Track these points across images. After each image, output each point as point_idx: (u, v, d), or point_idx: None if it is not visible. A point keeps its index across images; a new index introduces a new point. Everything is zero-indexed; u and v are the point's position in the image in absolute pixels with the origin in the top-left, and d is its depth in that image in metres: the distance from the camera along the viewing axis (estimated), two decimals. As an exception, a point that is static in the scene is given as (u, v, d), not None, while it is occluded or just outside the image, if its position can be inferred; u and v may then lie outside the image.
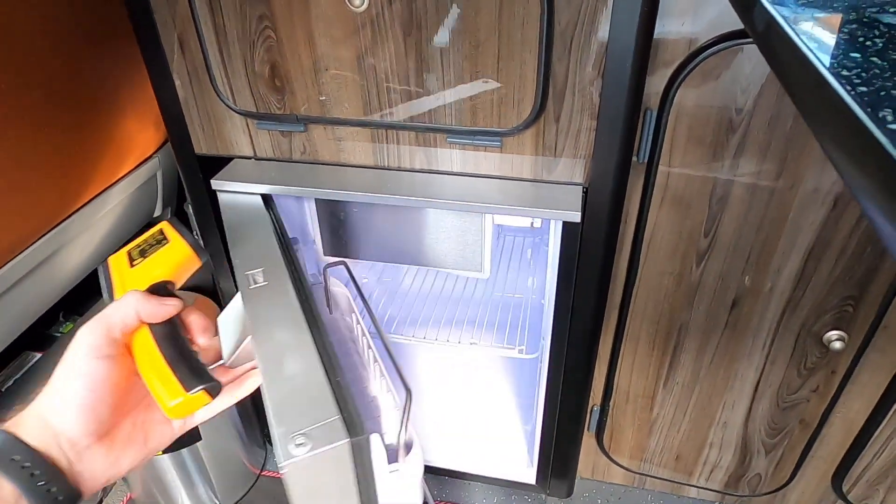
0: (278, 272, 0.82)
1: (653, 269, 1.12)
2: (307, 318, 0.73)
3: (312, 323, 0.73)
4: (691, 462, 1.41)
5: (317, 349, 0.69)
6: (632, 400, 1.34)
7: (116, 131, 1.44)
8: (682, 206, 1.03)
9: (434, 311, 1.62)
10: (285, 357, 0.67)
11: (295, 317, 0.73)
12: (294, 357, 0.67)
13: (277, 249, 0.88)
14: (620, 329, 1.22)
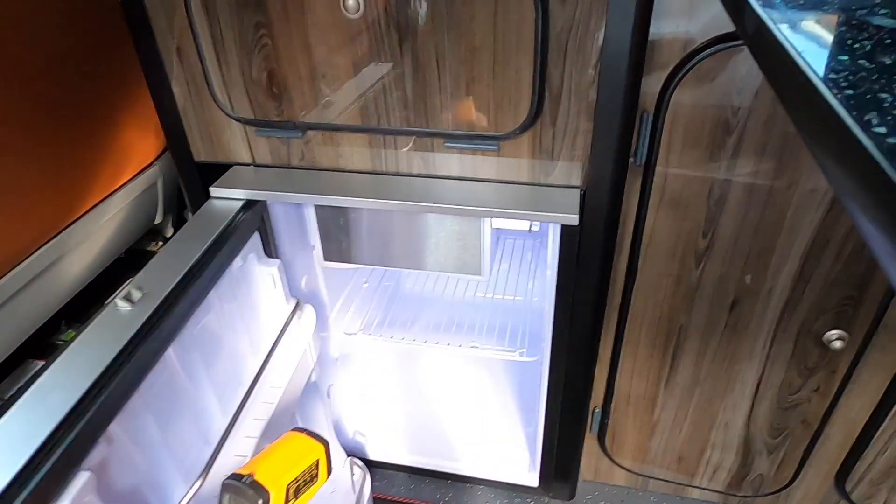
0: (162, 288, 0.83)
1: (652, 270, 1.12)
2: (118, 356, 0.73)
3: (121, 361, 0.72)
4: (693, 463, 1.40)
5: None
6: (633, 402, 1.34)
7: (116, 140, 1.45)
8: (680, 208, 1.03)
9: (434, 315, 1.63)
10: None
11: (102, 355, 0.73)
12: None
13: (195, 257, 0.89)
14: (620, 331, 1.22)
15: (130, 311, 0.80)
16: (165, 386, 0.90)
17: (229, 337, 1.08)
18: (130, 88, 1.47)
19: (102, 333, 0.77)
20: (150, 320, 0.80)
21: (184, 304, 0.84)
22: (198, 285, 0.88)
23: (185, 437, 0.95)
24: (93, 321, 0.79)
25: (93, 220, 1.42)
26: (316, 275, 1.40)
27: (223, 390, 0.89)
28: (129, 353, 0.75)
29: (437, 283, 1.77)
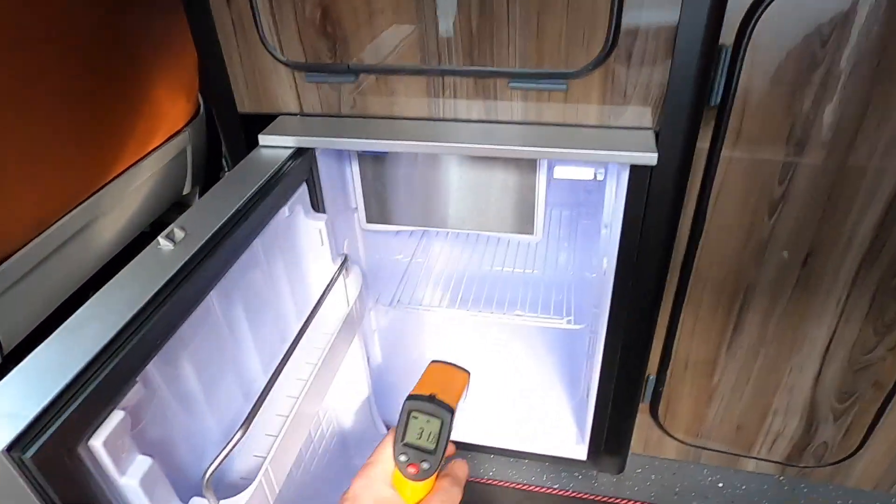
0: (205, 230, 0.78)
1: (720, 222, 1.06)
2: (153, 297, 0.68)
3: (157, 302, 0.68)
4: (753, 432, 1.35)
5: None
6: (691, 367, 1.28)
7: (149, 101, 1.39)
8: (756, 150, 0.97)
9: (472, 290, 1.57)
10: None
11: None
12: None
13: (241, 202, 0.84)
14: (682, 291, 1.17)
15: (172, 251, 0.75)
16: (206, 335, 0.85)
17: (273, 292, 1.03)
18: (162, 49, 1.41)
19: (142, 271, 0.72)
20: (191, 261, 0.74)
21: (227, 247, 0.79)
22: (243, 230, 0.82)
23: (224, 390, 0.90)
24: (133, 260, 0.74)
25: (122, 185, 1.37)
26: (356, 238, 1.34)
27: (266, 346, 0.84)
28: (169, 293, 0.69)
29: (473, 258, 1.71)
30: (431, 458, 0.52)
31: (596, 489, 1.43)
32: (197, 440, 0.82)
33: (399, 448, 0.54)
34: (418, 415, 0.54)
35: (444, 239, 1.81)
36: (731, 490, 1.42)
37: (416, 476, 0.52)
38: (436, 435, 0.53)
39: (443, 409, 0.54)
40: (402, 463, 0.53)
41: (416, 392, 0.56)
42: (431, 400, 0.54)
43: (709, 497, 1.40)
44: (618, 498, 1.41)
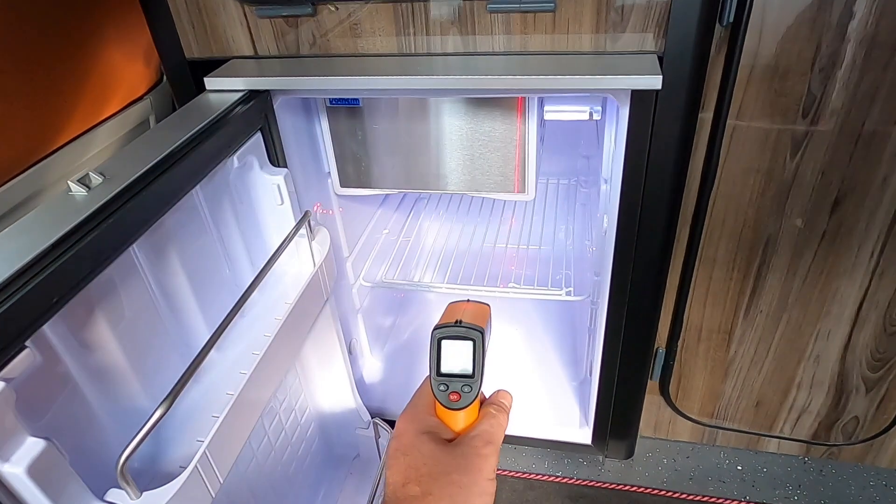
0: (127, 176, 0.66)
1: (735, 166, 0.93)
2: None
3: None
4: (774, 408, 1.22)
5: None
6: (704, 338, 1.15)
7: (99, 62, 1.27)
8: (776, 79, 0.84)
9: (463, 267, 1.44)
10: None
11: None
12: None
13: (173, 146, 0.72)
14: (693, 249, 1.04)
15: (85, 197, 0.62)
16: (131, 298, 0.72)
17: (224, 255, 0.90)
18: (114, 8, 1.29)
19: (43, 218, 0.59)
20: (105, 208, 0.62)
21: (152, 195, 0.66)
22: (173, 177, 0.70)
23: (162, 366, 0.78)
24: (37, 207, 0.61)
25: (75, 152, 1.24)
26: (331, 206, 1.22)
27: (219, 317, 0.72)
28: (72, 244, 0.57)
29: (465, 234, 1.58)
30: (471, 381, 0.51)
31: (603, 476, 1.31)
32: (125, 423, 0.70)
33: (436, 381, 0.52)
34: (448, 341, 0.52)
35: (434, 213, 1.68)
36: (752, 473, 1.29)
37: (459, 404, 0.51)
38: (470, 358, 0.51)
39: (472, 330, 0.51)
40: (442, 394, 0.52)
41: (441, 322, 0.53)
42: (459, 324, 0.52)
43: (726, 481, 1.28)
44: (627, 485, 1.28)
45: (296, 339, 0.91)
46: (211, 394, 0.77)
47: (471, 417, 0.52)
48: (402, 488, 0.47)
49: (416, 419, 0.53)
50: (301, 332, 0.92)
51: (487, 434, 0.50)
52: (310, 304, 0.93)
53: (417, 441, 0.50)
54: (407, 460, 0.49)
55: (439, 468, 0.48)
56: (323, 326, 1.04)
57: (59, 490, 0.53)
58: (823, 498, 1.23)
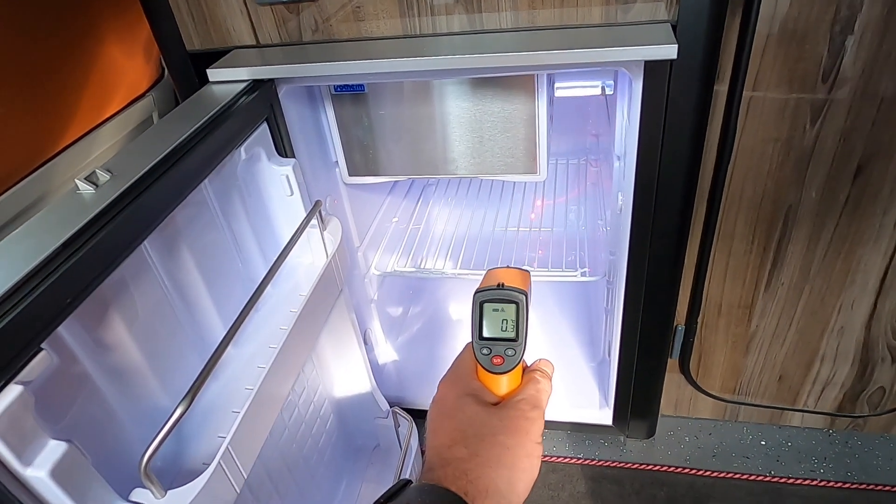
0: (134, 171, 0.64)
1: (754, 136, 0.91)
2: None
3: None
4: (797, 381, 1.20)
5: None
6: (725, 313, 1.14)
7: (99, 60, 1.26)
8: (794, 43, 0.81)
9: (475, 253, 1.42)
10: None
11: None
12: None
13: (179, 140, 0.70)
14: (711, 222, 1.02)
15: (93, 195, 0.61)
16: (144, 296, 0.71)
17: (236, 249, 0.89)
18: (111, 3, 1.27)
19: (53, 218, 0.58)
20: (115, 205, 0.61)
21: (162, 190, 0.65)
22: (181, 171, 0.68)
23: (179, 363, 0.77)
24: (46, 207, 0.60)
25: (79, 154, 1.23)
26: (341, 196, 1.20)
27: (233, 312, 0.71)
28: (83, 242, 0.56)
29: (475, 219, 1.56)
30: (515, 344, 0.50)
31: (625, 456, 1.30)
32: (145, 422, 0.69)
33: (478, 344, 0.51)
34: (490, 305, 0.51)
35: (443, 199, 1.66)
36: (776, 448, 1.27)
37: (502, 367, 0.50)
38: (513, 321, 0.50)
39: (515, 293, 0.50)
40: (485, 358, 0.51)
41: (482, 286, 0.52)
42: (500, 287, 0.51)
43: (750, 457, 1.26)
44: (650, 464, 1.27)
45: (312, 331, 0.90)
46: (230, 389, 0.76)
47: (514, 382, 0.52)
48: (447, 450, 0.46)
49: (459, 383, 0.51)
50: (317, 324, 0.91)
51: (533, 398, 0.50)
52: (324, 295, 0.92)
53: (462, 403, 0.49)
54: (452, 423, 0.48)
55: (486, 430, 0.47)
56: (338, 317, 1.03)
57: (84, 492, 0.52)
58: (850, 470, 1.21)
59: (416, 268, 1.39)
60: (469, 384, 0.51)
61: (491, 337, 0.51)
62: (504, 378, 0.51)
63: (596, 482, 1.25)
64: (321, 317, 0.92)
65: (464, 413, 0.48)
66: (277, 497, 0.97)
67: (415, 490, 0.43)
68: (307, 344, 0.88)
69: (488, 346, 0.51)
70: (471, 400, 0.49)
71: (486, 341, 0.51)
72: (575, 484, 1.25)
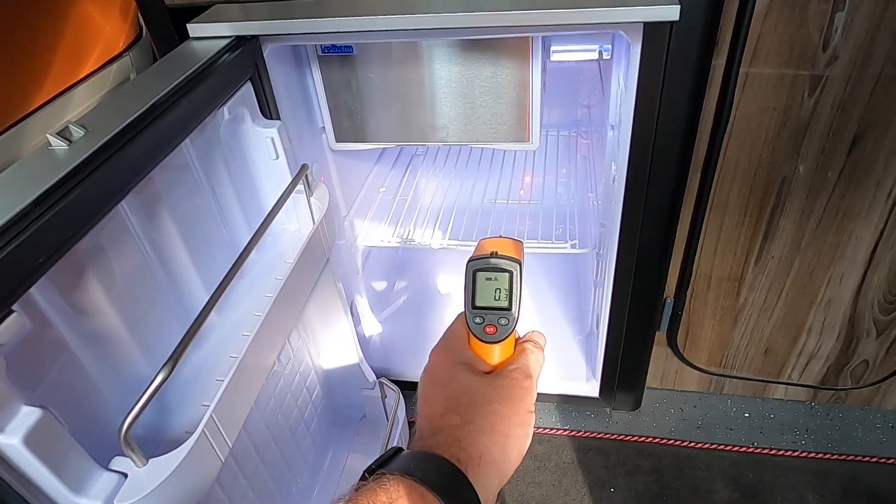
0: (110, 128, 0.61)
1: (751, 106, 0.89)
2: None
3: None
4: (783, 355, 1.21)
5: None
6: (714, 286, 1.13)
7: (73, 16, 1.20)
8: (795, 9, 0.79)
9: (464, 225, 1.40)
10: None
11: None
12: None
13: (158, 96, 0.67)
14: (704, 194, 1.00)
15: (66, 151, 0.58)
16: (121, 259, 0.68)
17: (220, 213, 0.86)
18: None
19: (23, 176, 0.55)
20: (88, 162, 0.57)
21: (139, 148, 0.62)
22: (160, 128, 0.65)
23: (160, 329, 0.74)
24: (15, 163, 0.57)
25: (52, 115, 1.18)
26: (327, 163, 1.17)
27: (217, 277, 0.68)
28: (55, 201, 0.53)
29: (464, 190, 1.53)
30: (508, 314, 0.50)
31: (611, 427, 1.30)
32: (126, 391, 0.67)
33: (471, 314, 0.50)
34: (483, 274, 0.50)
35: (432, 170, 1.63)
36: (759, 419, 1.29)
37: (495, 337, 0.50)
38: (507, 290, 0.50)
39: (508, 261, 0.50)
40: (477, 327, 0.50)
41: (475, 255, 0.51)
42: (494, 255, 0.50)
43: (734, 428, 1.28)
44: (635, 436, 1.28)
45: (298, 300, 0.88)
46: (214, 358, 0.74)
47: (507, 352, 0.51)
48: (440, 418, 0.45)
49: (452, 352, 0.51)
50: (303, 292, 0.89)
51: (527, 367, 0.49)
52: (311, 263, 0.89)
53: (455, 372, 0.48)
54: (445, 391, 0.47)
55: (480, 398, 0.46)
56: (324, 286, 1.01)
57: (61, 460, 0.50)
58: (831, 441, 1.23)
59: (404, 239, 1.37)
60: (462, 353, 0.50)
61: (484, 306, 0.50)
62: (497, 347, 0.50)
63: (582, 453, 1.25)
64: (307, 285, 0.90)
65: (457, 381, 0.48)
66: (263, 467, 0.95)
67: (407, 457, 0.42)
68: (293, 312, 0.86)
69: (481, 315, 0.50)
70: (464, 368, 0.49)
71: (479, 310, 0.50)
72: (561, 455, 1.26)
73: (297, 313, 0.87)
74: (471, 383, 0.47)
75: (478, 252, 0.52)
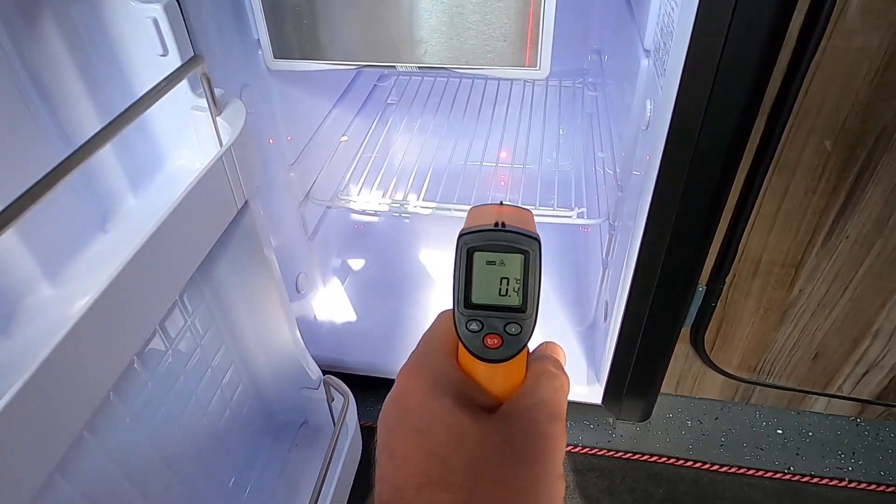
0: None
1: (856, 22, 0.63)
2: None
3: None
4: (837, 362, 0.97)
5: None
6: (763, 272, 0.88)
7: None
8: None
9: (442, 186, 1.11)
10: None
11: None
12: None
13: None
14: (769, 149, 0.74)
15: None
16: None
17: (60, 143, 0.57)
18: None
19: None
20: None
21: None
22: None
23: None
24: None
25: None
26: (265, 92, 0.88)
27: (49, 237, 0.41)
28: None
29: (440, 151, 1.24)
30: (521, 317, 0.31)
31: (615, 442, 1.06)
32: None
33: (464, 316, 0.32)
34: (484, 255, 0.31)
35: (408, 119, 1.35)
36: (795, 438, 1.05)
37: (500, 353, 0.31)
38: (519, 281, 0.31)
39: (523, 237, 0.30)
40: (473, 336, 0.32)
41: (471, 227, 0.31)
42: (501, 228, 0.30)
43: (765, 448, 1.04)
44: (645, 454, 1.04)
45: (182, 261, 0.59)
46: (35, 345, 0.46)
47: (516, 376, 0.33)
48: (417, 493, 0.27)
49: (433, 374, 0.32)
50: (192, 253, 0.60)
51: (551, 402, 0.31)
52: (210, 210, 0.61)
53: (439, 409, 0.30)
54: (425, 443, 0.29)
55: (482, 455, 0.28)
56: (243, 250, 0.73)
57: None
58: (883, 468, 1.01)
59: (367, 199, 1.09)
60: (448, 377, 0.32)
61: (484, 304, 0.32)
62: (501, 369, 0.32)
63: (580, 475, 1.01)
64: (202, 242, 0.61)
65: (443, 427, 0.29)
66: (164, 490, 0.68)
67: None
68: (170, 282, 0.58)
69: (480, 318, 0.32)
70: (452, 404, 0.30)
71: (477, 311, 0.32)
72: (552, 475, 1.01)
73: (180, 280, 0.58)
74: (466, 430, 0.29)
75: (474, 222, 0.32)
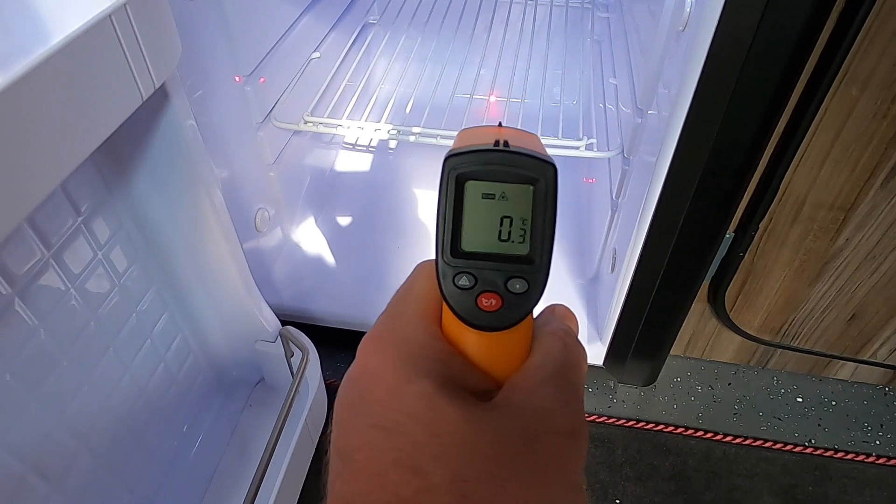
0: None
1: None
2: None
3: None
4: (876, 325, 0.85)
5: None
6: (805, 217, 0.74)
7: None
8: None
9: (425, 115, 0.94)
10: None
11: None
12: None
13: None
14: (834, 62, 0.59)
15: None
16: None
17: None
18: None
19: None
20: None
21: None
22: None
23: None
24: None
25: None
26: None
27: None
28: None
29: (425, 80, 1.07)
30: (528, 269, 0.21)
31: (616, 409, 0.94)
32: None
33: (450, 267, 0.21)
34: (479, 185, 0.20)
35: (389, 43, 1.17)
36: (817, 407, 0.94)
37: (499, 318, 0.21)
38: (528, 218, 0.21)
39: (533, 160, 0.20)
40: (462, 295, 0.21)
41: (461, 147, 0.20)
42: (502, 148, 0.20)
43: (783, 419, 0.93)
44: (650, 422, 0.92)
45: (51, 141, 0.43)
46: None
47: (517, 350, 0.22)
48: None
49: (407, 347, 0.21)
50: (68, 134, 0.43)
51: (566, 386, 0.20)
52: (97, 79, 0.44)
53: (413, 396, 0.19)
54: (392, 444, 0.18)
55: (474, 463, 0.18)
56: (170, 165, 0.57)
57: None
58: (913, 443, 0.90)
59: (341, 124, 0.93)
60: (427, 351, 0.21)
61: (479, 252, 0.21)
62: (500, 340, 0.21)
63: (575, 444, 0.89)
64: (82, 125, 0.45)
65: (418, 421, 0.18)
66: (91, 458, 0.55)
67: None
68: (35, 163, 0.42)
69: (471, 270, 0.21)
70: (431, 388, 0.19)
71: (469, 261, 0.21)
72: (544, 444, 0.89)
73: (46, 174, 0.42)
74: (451, 426, 0.18)
75: (465, 142, 0.21)
